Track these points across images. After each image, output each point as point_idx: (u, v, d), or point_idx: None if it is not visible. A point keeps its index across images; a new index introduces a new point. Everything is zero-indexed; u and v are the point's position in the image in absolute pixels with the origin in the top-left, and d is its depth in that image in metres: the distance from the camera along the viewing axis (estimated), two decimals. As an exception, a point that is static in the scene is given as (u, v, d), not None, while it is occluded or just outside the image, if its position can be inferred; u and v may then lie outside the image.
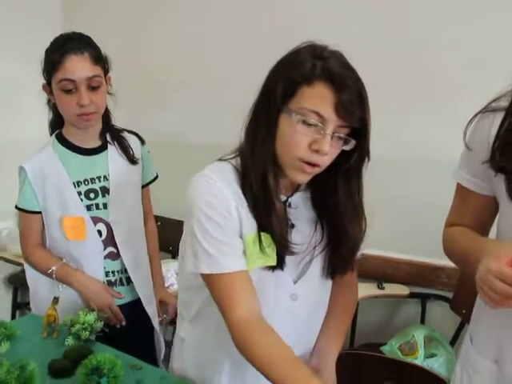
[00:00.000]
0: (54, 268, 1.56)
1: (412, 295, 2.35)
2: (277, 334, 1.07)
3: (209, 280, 1.11)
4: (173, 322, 1.74)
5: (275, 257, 1.12)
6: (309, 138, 1.03)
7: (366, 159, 1.12)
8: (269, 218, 1.10)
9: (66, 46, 1.48)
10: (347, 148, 1.07)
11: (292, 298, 1.19)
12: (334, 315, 1.28)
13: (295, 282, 1.18)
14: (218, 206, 1.08)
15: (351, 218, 1.15)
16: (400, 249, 2.38)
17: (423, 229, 2.28)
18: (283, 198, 1.16)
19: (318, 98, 1.01)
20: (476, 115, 1.09)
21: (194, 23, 2.71)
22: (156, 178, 1.80)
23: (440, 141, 2.17)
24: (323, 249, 1.19)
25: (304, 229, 1.18)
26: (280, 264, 1.13)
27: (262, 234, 1.11)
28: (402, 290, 2.36)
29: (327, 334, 1.26)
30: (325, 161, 1.06)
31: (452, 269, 2.25)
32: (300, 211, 1.19)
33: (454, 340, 2.22)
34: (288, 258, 1.14)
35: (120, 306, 1.64)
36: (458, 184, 1.17)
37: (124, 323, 1.61)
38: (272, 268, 1.12)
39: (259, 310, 1.10)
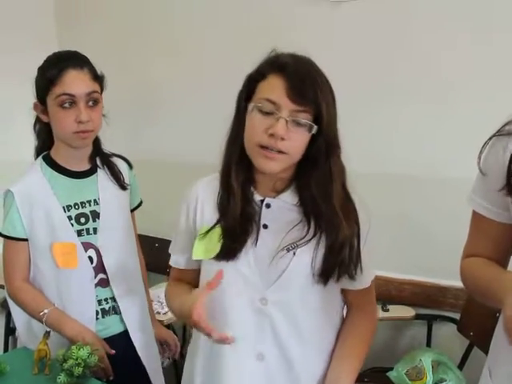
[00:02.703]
0: (46, 311, 1.45)
1: (417, 317, 2.28)
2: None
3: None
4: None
5: (216, 250, 1.15)
6: (265, 124, 1.09)
7: (334, 148, 1.13)
8: (227, 209, 1.16)
9: (64, 61, 1.44)
10: (310, 133, 1.10)
11: (262, 302, 1.16)
12: (348, 347, 1.22)
13: (268, 287, 1.16)
14: (185, 205, 1.25)
15: (328, 206, 1.13)
16: (404, 269, 2.32)
17: (428, 248, 2.23)
18: (259, 197, 1.18)
19: (270, 87, 1.10)
20: (490, 139, 1.04)
21: (190, 41, 2.66)
22: (141, 203, 1.74)
23: (447, 159, 2.13)
24: (302, 246, 1.14)
25: (279, 230, 1.16)
26: (224, 256, 1.15)
27: (217, 228, 1.17)
28: (407, 311, 2.28)
29: (340, 367, 1.19)
30: (287, 146, 1.08)
31: (458, 289, 2.18)
32: (279, 214, 1.17)
33: (463, 363, 2.14)
34: (256, 257, 1.15)
35: (113, 337, 1.57)
36: (473, 211, 1.11)
37: (112, 378, 1.47)
38: (217, 258, 1.16)
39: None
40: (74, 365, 1.26)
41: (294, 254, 1.15)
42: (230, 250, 1.15)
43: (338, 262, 1.14)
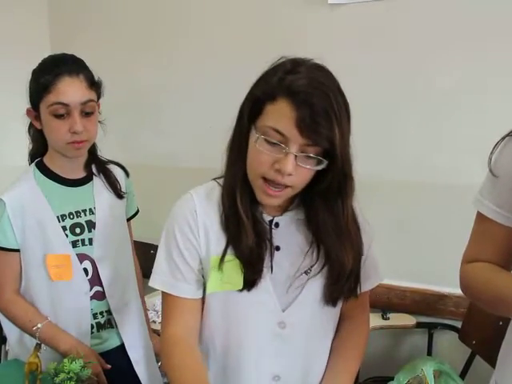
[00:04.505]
0: (39, 326, 1.40)
1: (418, 325, 2.24)
2: (199, 359, 1.10)
3: (162, 293, 1.15)
4: None
5: (241, 282, 1.07)
6: (271, 157, 0.99)
7: (347, 180, 1.04)
8: (238, 238, 1.06)
9: (59, 67, 1.36)
10: (319, 168, 1.01)
11: (280, 326, 1.11)
12: (343, 356, 1.19)
13: (284, 310, 1.11)
14: (185, 227, 1.10)
15: (335, 241, 1.07)
16: (404, 276, 2.28)
17: (428, 255, 2.20)
18: (268, 217, 1.10)
19: (278, 115, 0.97)
20: (502, 139, 1.00)
21: (185, 46, 2.63)
22: (137, 212, 1.70)
23: (449, 166, 2.10)
24: (316, 273, 1.10)
25: (292, 251, 1.11)
26: (247, 287, 1.08)
27: (228, 256, 1.07)
28: (408, 319, 2.24)
29: (335, 376, 1.16)
30: (293, 181, 1.00)
31: (459, 297, 2.15)
32: (289, 232, 1.11)
33: (465, 373, 2.10)
34: (273, 283, 1.09)
35: (110, 351, 1.52)
36: (478, 214, 1.06)
37: None
38: (240, 291, 1.08)
39: (195, 336, 1.13)
40: (65, 379, 1.21)
41: (309, 278, 1.11)
42: (251, 281, 1.08)
43: (345, 289, 1.11)
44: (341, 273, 1.09)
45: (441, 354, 2.23)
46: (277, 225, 1.11)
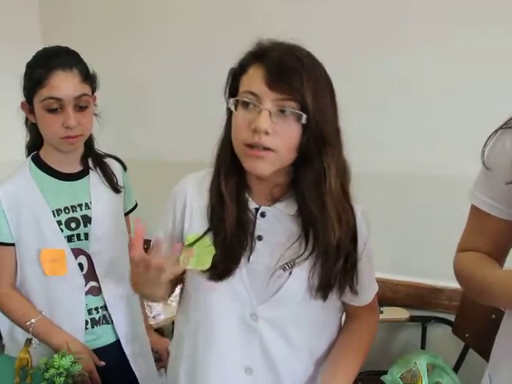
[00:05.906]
0: (33, 321, 1.39)
1: (412, 319, 2.24)
2: None
3: None
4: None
5: (209, 262, 1.07)
6: (247, 119, 1.01)
7: (328, 143, 1.02)
8: (219, 224, 1.07)
9: (53, 60, 1.35)
10: (298, 124, 1.00)
11: (252, 317, 1.09)
12: (343, 356, 1.16)
13: (260, 303, 1.09)
14: (172, 203, 1.16)
15: (316, 208, 1.04)
16: (398, 270, 2.28)
17: (422, 249, 2.20)
18: (253, 205, 1.09)
19: (250, 79, 1.02)
20: (495, 132, 0.99)
21: (178, 39, 2.62)
22: (136, 206, 1.68)
23: (440, 159, 2.10)
24: (303, 261, 1.07)
25: (275, 242, 1.08)
26: (215, 271, 1.07)
27: (205, 240, 1.08)
28: (401, 313, 2.24)
29: (333, 375, 1.13)
30: (272, 141, 0.99)
31: (453, 290, 2.16)
32: (275, 224, 1.09)
33: (458, 366, 2.11)
34: (250, 273, 1.08)
35: (105, 347, 1.51)
36: (472, 206, 1.07)
37: None
38: (210, 278, 1.08)
39: None
40: (55, 374, 1.20)
41: (291, 273, 1.08)
42: (224, 269, 1.07)
43: (336, 271, 1.06)
44: (329, 243, 1.04)
45: (434, 348, 2.23)
46: (263, 214, 1.09)
